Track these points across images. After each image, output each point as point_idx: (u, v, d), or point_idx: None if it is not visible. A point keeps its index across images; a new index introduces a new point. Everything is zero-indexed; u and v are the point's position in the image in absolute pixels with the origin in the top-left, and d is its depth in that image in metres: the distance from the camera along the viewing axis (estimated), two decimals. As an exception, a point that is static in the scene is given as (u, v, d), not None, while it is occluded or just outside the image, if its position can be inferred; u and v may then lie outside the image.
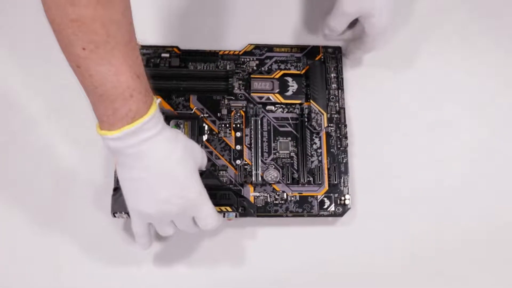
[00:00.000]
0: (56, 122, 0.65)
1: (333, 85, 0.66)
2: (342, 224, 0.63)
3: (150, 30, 0.68)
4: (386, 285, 0.61)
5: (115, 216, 0.59)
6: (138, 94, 0.47)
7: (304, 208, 0.62)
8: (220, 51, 0.67)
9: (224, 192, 0.59)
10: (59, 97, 0.66)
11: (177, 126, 0.63)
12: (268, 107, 0.65)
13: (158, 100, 0.50)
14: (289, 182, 0.63)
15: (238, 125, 0.64)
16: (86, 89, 0.46)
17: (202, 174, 0.60)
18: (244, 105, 0.65)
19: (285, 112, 0.65)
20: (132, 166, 0.49)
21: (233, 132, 0.64)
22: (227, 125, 0.64)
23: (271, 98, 0.65)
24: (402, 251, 0.62)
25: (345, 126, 0.65)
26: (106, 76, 0.45)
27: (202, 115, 0.64)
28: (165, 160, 0.49)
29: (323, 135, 0.65)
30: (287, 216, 0.62)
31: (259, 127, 0.64)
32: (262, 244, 0.62)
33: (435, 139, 0.67)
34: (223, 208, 0.59)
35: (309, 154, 0.64)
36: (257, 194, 0.62)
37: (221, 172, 0.63)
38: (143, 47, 0.66)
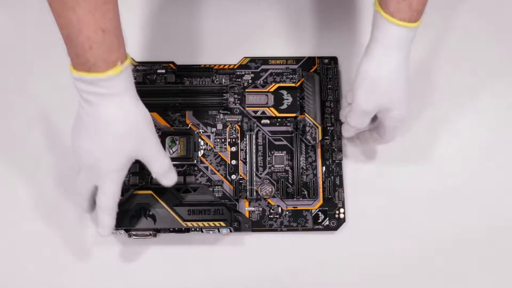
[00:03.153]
0: (56, 122, 0.66)
1: (329, 97, 0.67)
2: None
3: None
4: (386, 285, 0.62)
5: (112, 232, 0.60)
6: (98, 48, 0.48)
7: (298, 222, 0.63)
8: (215, 65, 0.67)
9: (218, 208, 0.59)
10: (59, 97, 0.66)
11: (173, 142, 0.64)
12: (263, 121, 0.66)
13: (125, 66, 0.50)
14: (283, 196, 0.63)
15: (234, 140, 0.65)
16: (58, 27, 0.49)
17: (196, 190, 0.61)
18: (240, 119, 0.66)
19: (280, 125, 0.66)
20: (82, 107, 0.51)
21: (228, 147, 0.65)
22: (223, 140, 0.65)
23: (266, 112, 0.65)
24: (402, 251, 0.63)
25: (340, 138, 0.65)
26: (70, 21, 0.47)
27: (198, 131, 0.65)
28: (104, 125, 0.51)
29: (318, 148, 0.65)
30: (281, 230, 0.62)
31: (254, 141, 0.65)
32: (258, 246, 0.63)
33: (434, 138, 0.67)
34: (217, 223, 0.59)
35: (304, 167, 0.65)
36: (252, 208, 0.63)
37: (216, 187, 0.64)
38: (139, 63, 0.67)
